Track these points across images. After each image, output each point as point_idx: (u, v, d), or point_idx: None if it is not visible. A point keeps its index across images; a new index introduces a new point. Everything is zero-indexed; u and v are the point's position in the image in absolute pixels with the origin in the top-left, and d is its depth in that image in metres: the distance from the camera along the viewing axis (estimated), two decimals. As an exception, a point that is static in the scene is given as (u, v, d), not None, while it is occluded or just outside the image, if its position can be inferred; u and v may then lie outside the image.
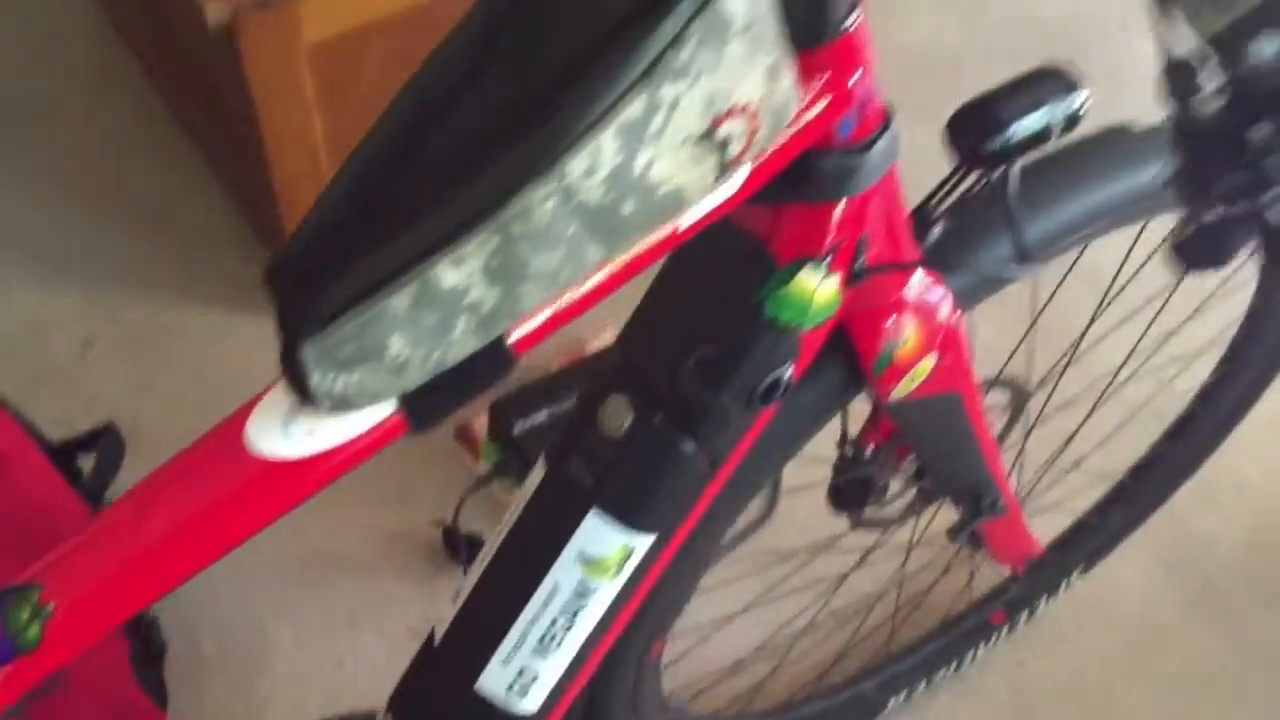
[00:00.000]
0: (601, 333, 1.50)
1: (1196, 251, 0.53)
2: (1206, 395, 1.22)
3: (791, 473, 0.88)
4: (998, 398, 1.08)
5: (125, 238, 1.70)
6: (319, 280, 0.49)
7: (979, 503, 0.93)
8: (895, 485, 1.04)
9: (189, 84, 1.65)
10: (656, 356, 0.69)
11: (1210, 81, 0.45)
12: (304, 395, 0.51)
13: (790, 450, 0.81)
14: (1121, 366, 1.11)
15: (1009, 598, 1.34)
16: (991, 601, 1.34)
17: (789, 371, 0.68)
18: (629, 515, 0.70)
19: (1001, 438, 1.12)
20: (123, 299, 1.64)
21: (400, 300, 0.49)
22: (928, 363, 0.76)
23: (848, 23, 0.56)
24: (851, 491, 1.02)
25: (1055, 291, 1.01)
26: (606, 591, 0.73)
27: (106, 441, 1.30)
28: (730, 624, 1.26)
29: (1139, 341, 1.14)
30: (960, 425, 0.83)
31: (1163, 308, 1.08)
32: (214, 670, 1.39)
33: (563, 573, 0.72)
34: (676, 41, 0.47)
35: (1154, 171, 0.70)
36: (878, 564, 1.20)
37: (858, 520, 1.09)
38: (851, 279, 0.67)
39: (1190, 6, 0.45)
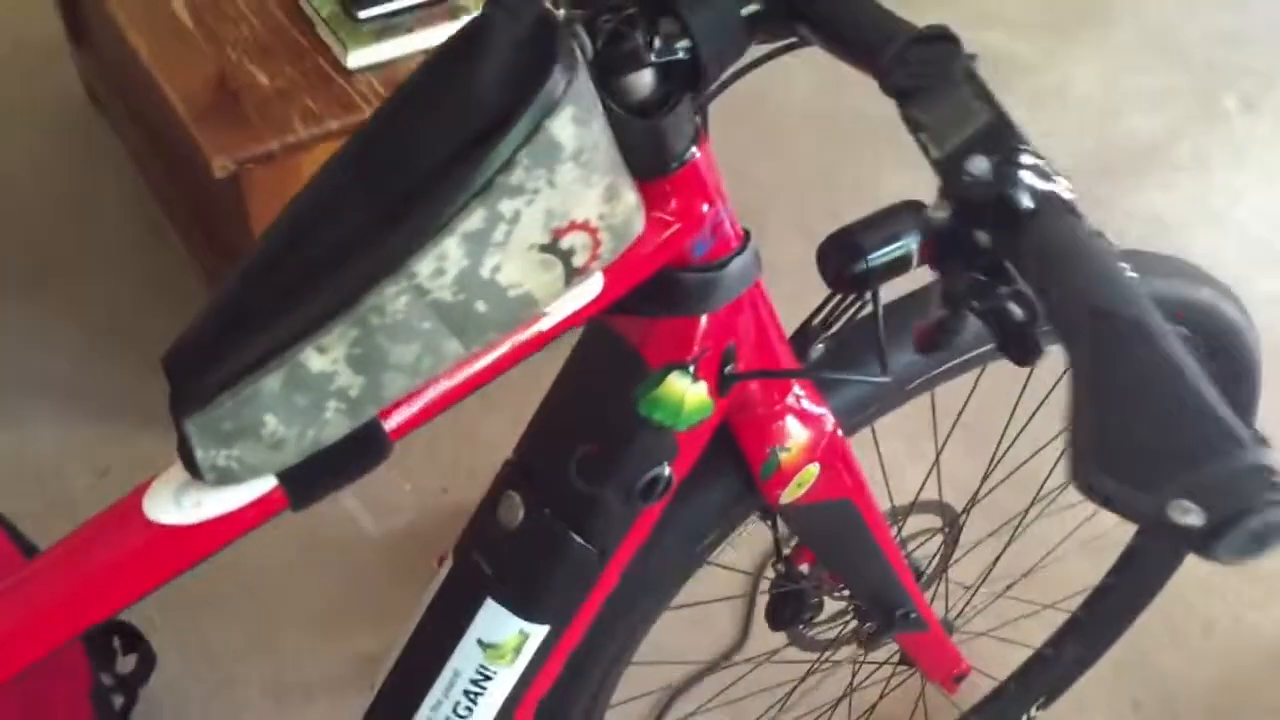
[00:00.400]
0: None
1: (934, 342, 0.60)
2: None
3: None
4: (929, 521, 1.13)
5: (138, 372, 1.81)
6: (203, 364, 0.57)
7: (893, 614, 0.97)
8: (831, 606, 1.08)
9: (205, 228, 1.78)
10: (547, 455, 0.76)
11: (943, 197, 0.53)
12: (191, 468, 0.58)
13: (700, 550, 0.87)
14: (1036, 496, 1.16)
15: (968, 731, 1.36)
16: (951, 734, 1.36)
17: (667, 470, 0.74)
18: (522, 604, 0.76)
19: (944, 560, 1.17)
20: (136, 431, 1.73)
21: (272, 382, 0.56)
22: (812, 470, 0.82)
23: (687, 156, 0.64)
24: (785, 608, 1.06)
25: (957, 417, 1.07)
26: (505, 677, 0.78)
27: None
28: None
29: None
30: (856, 531, 0.88)
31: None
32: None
33: (463, 658, 0.77)
34: (508, 165, 0.55)
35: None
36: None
37: (797, 638, 1.14)
38: (721, 385, 0.73)
39: (931, 131, 0.53)
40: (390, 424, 0.62)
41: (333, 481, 0.62)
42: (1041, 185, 0.51)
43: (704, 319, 0.71)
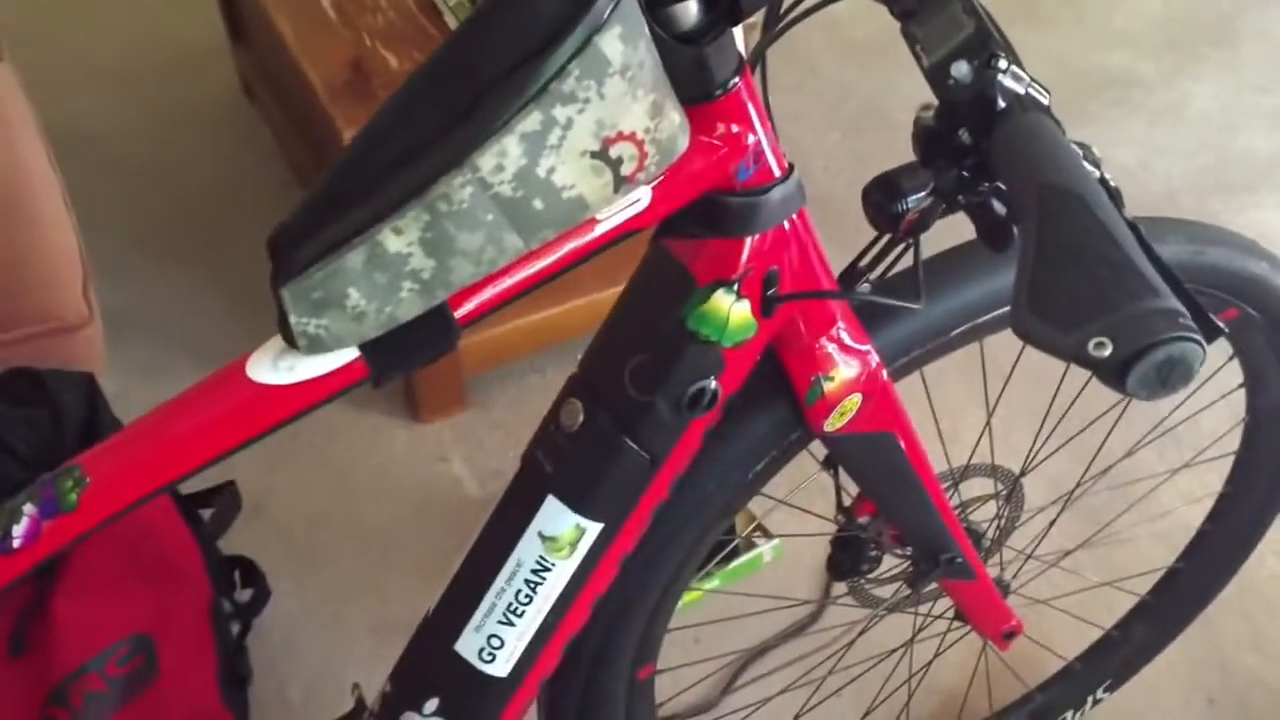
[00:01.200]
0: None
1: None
2: (1219, 511, 1.28)
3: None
4: (987, 485, 1.18)
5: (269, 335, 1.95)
6: (298, 242, 0.66)
7: (938, 557, 1.02)
8: (891, 561, 1.14)
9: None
10: (605, 365, 0.84)
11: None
12: (286, 335, 0.68)
13: (753, 478, 0.93)
14: (1090, 463, 1.19)
15: (1033, 708, 1.39)
16: (1014, 712, 1.38)
17: (713, 383, 0.81)
18: (580, 500, 0.84)
19: (1008, 525, 1.21)
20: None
21: (355, 258, 0.65)
22: (854, 400, 0.88)
23: (730, 85, 0.72)
24: (844, 558, 1.12)
25: (1007, 382, 1.12)
26: (563, 570, 0.86)
27: (225, 497, 1.50)
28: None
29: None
30: (899, 466, 0.94)
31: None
32: (298, 715, 1.54)
33: (525, 549, 0.85)
34: (561, 73, 0.63)
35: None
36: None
37: (855, 590, 1.19)
38: (765, 306, 0.80)
39: (924, 41, 0.60)
40: (459, 312, 0.71)
41: (408, 359, 0.71)
42: (1015, 87, 0.57)
43: (748, 242, 0.78)
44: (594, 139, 0.66)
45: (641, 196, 0.72)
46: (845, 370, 0.87)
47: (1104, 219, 0.50)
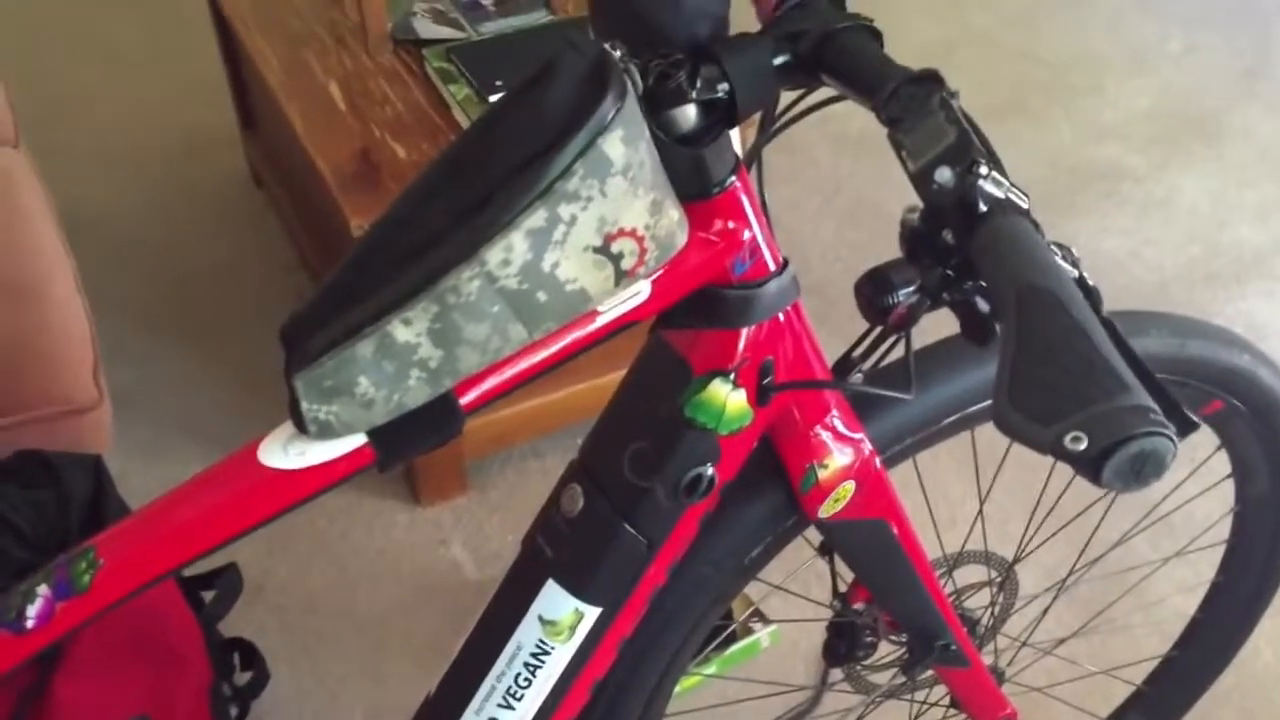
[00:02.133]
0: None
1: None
2: (1211, 600, 1.29)
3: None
4: (981, 572, 1.19)
5: (272, 420, 1.97)
6: (311, 331, 0.69)
7: (932, 644, 1.03)
8: (887, 647, 1.15)
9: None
10: (605, 451, 0.86)
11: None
12: (298, 422, 0.70)
13: (749, 562, 0.95)
14: (1083, 550, 1.21)
15: (1031, 796, 1.38)
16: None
17: (710, 470, 0.83)
18: (579, 584, 0.86)
19: (1002, 613, 1.22)
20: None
21: (365, 348, 0.68)
22: (848, 487, 0.90)
23: (727, 183, 0.75)
24: (840, 644, 1.13)
25: (999, 470, 1.13)
26: (561, 654, 0.87)
27: (226, 580, 1.51)
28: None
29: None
30: (892, 552, 0.95)
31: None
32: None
33: (525, 632, 0.87)
34: (566, 173, 0.66)
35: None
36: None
37: (852, 676, 1.20)
38: (760, 395, 0.83)
39: (909, 147, 0.63)
40: (465, 399, 0.73)
41: (415, 445, 0.73)
42: (995, 192, 0.60)
43: (744, 333, 0.81)
44: (597, 235, 0.69)
45: (642, 289, 0.75)
46: (839, 458, 0.89)
47: (1080, 318, 0.53)
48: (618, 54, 0.69)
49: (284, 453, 0.72)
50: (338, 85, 1.78)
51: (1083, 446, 0.50)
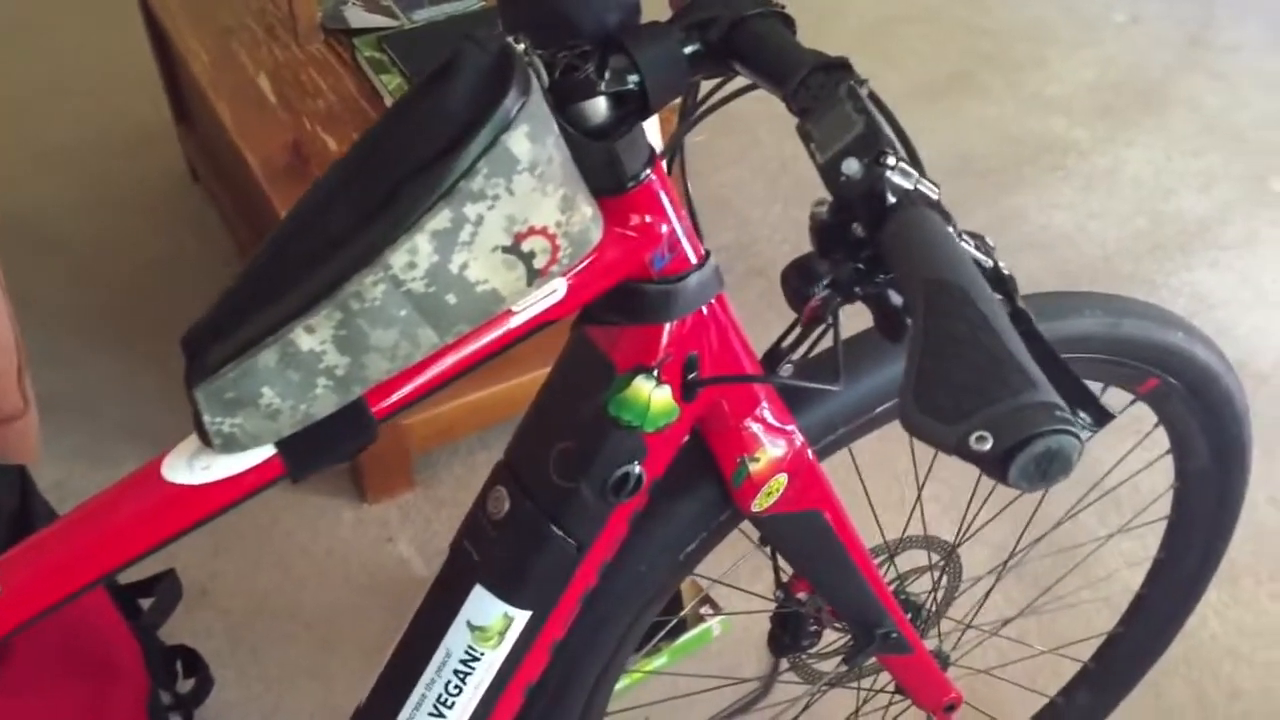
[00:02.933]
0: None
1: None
2: (1155, 575, 1.29)
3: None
4: (923, 556, 1.19)
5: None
6: (211, 341, 0.66)
7: (873, 632, 1.02)
8: (833, 635, 1.14)
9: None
10: (530, 453, 0.84)
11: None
12: (201, 435, 0.68)
13: (683, 559, 0.93)
14: (1023, 530, 1.20)
15: (982, 777, 1.38)
16: (964, 779, 1.38)
17: (637, 468, 0.82)
18: (507, 589, 0.84)
19: (947, 596, 1.21)
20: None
21: (268, 357, 0.66)
22: (781, 480, 0.89)
23: (642, 177, 0.73)
24: (784, 634, 1.12)
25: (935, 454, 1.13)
26: (492, 659, 0.85)
27: (165, 586, 1.48)
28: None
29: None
30: (828, 543, 0.94)
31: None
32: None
33: (454, 639, 0.85)
34: (469, 172, 0.64)
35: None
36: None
37: (797, 666, 1.19)
38: (685, 391, 0.81)
39: (817, 139, 0.61)
40: (377, 406, 0.71)
41: (326, 455, 0.71)
42: (904, 183, 0.59)
43: (667, 328, 0.79)
44: (505, 234, 0.67)
45: (557, 287, 0.73)
46: (771, 450, 0.87)
47: (987, 312, 0.51)
48: (521, 47, 0.67)
49: (188, 468, 0.69)
50: (267, 77, 1.74)
51: (987, 446, 0.49)
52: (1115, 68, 2.70)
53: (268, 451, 0.69)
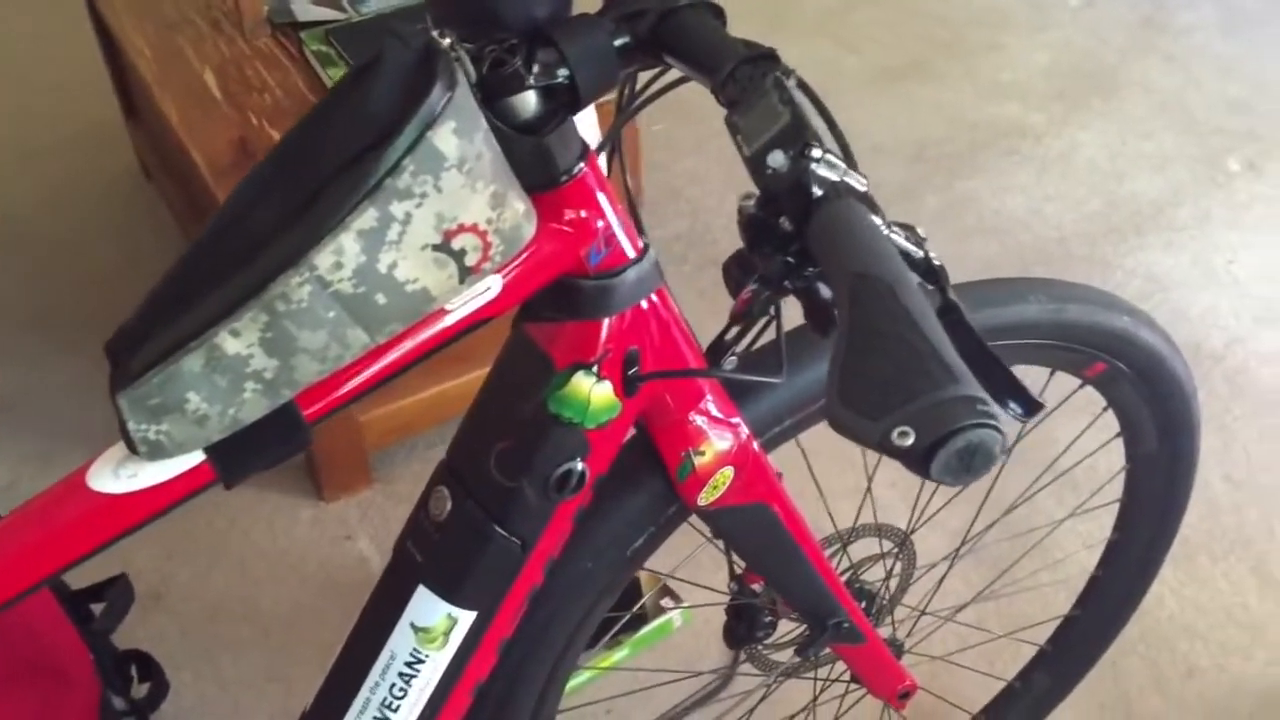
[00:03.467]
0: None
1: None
2: (1108, 558, 1.29)
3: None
4: (878, 545, 1.18)
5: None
6: (135, 346, 0.65)
7: (825, 623, 1.02)
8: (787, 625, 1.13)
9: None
10: (471, 451, 0.83)
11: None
12: (127, 442, 0.66)
13: (632, 554, 0.93)
14: (976, 515, 1.20)
15: (942, 762, 1.38)
16: (925, 765, 1.38)
17: (579, 465, 0.81)
18: (451, 589, 0.83)
19: (902, 584, 1.21)
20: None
21: (193, 362, 0.64)
22: (727, 474, 0.88)
23: (575, 171, 0.72)
24: (739, 625, 1.12)
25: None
26: (437, 661, 0.84)
27: (116, 590, 1.46)
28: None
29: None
30: (776, 535, 0.94)
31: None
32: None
33: (398, 641, 0.84)
34: (395, 170, 0.63)
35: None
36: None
37: (754, 657, 1.19)
38: (626, 386, 0.80)
39: (744, 131, 0.60)
40: (310, 409, 0.70)
41: (257, 460, 0.70)
42: (830, 175, 0.58)
43: (606, 323, 0.78)
44: (435, 232, 0.66)
45: (492, 285, 0.72)
46: (716, 444, 0.87)
47: (910, 306, 0.51)
48: (446, 41, 0.66)
49: (114, 476, 0.68)
50: (213, 73, 1.72)
51: (910, 441, 0.48)
52: (1070, 52, 2.71)
53: (197, 458, 0.68)
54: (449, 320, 0.72)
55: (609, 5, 0.71)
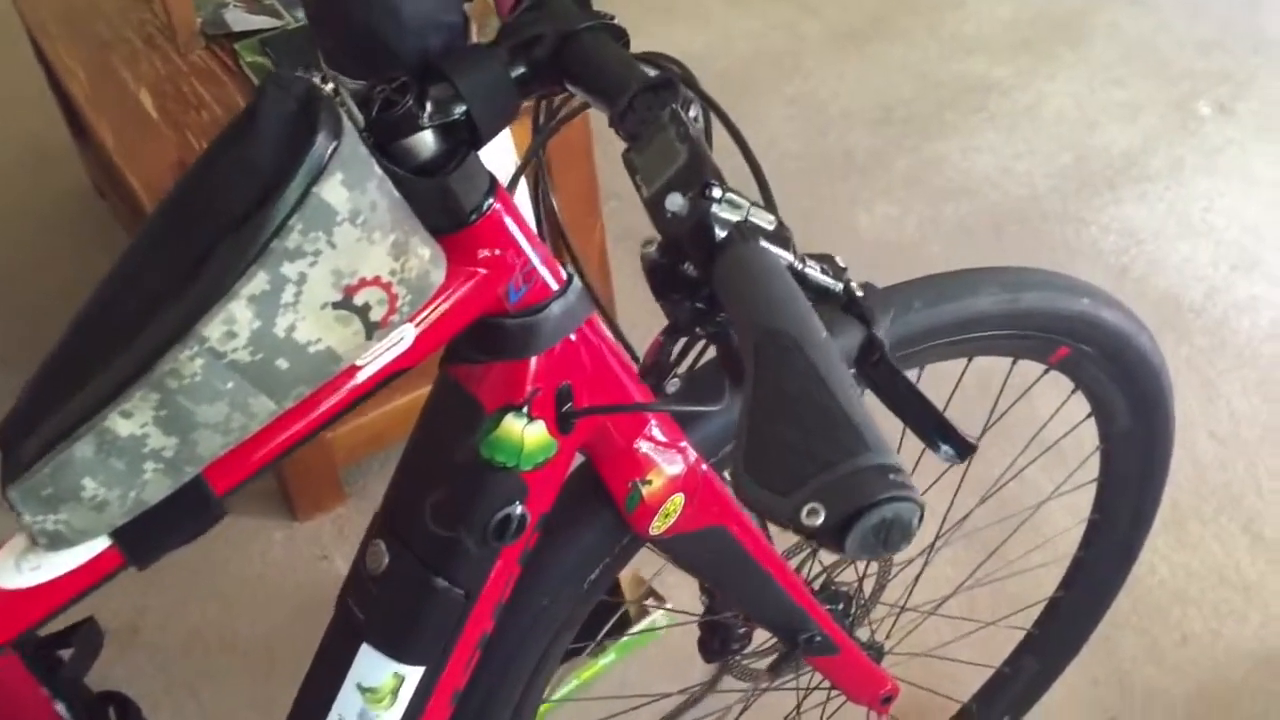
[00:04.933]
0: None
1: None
2: (1090, 538, 1.26)
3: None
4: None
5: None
6: (24, 433, 0.61)
7: (796, 638, 0.98)
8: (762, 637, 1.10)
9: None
10: (405, 503, 0.80)
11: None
12: (26, 533, 0.63)
13: (589, 586, 0.89)
14: (945, 516, 1.17)
15: (937, 752, 1.36)
16: (919, 756, 1.35)
17: (519, 509, 0.77)
18: (395, 646, 0.79)
19: (879, 583, 1.18)
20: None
21: (84, 448, 0.60)
22: (678, 501, 0.84)
23: (484, 208, 0.68)
24: (713, 639, 1.09)
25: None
26: (387, 720, 0.81)
27: (83, 635, 1.42)
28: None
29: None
30: (736, 557, 0.90)
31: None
32: None
33: (345, 703, 0.81)
34: (281, 230, 0.59)
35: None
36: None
37: (731, 668, 1.16)
38: (561, 423, 0.76)
39: (642, 171, 0.56)
40: (220, 482, 0.66)
41: (167, 540, 0.66)
42: (732, 216, 0.54)
43: (533, 361, 0.74)
44: (334, 290, 0.62)
45: (405, 335, 0.68)
46: (664, 471, 0.83)
47: (818, 361, 0.47)
48: (330, 86, 0.62)
49: (17, 570, 0.64)
50: (149, 92, 1.67)
51: (820, 520, 0.44)
52: (1033, 1, 2.65)
53: (103, 543, 0.65)
54: (361, 377, 0.68)
55: (504, 33, 0.66)
